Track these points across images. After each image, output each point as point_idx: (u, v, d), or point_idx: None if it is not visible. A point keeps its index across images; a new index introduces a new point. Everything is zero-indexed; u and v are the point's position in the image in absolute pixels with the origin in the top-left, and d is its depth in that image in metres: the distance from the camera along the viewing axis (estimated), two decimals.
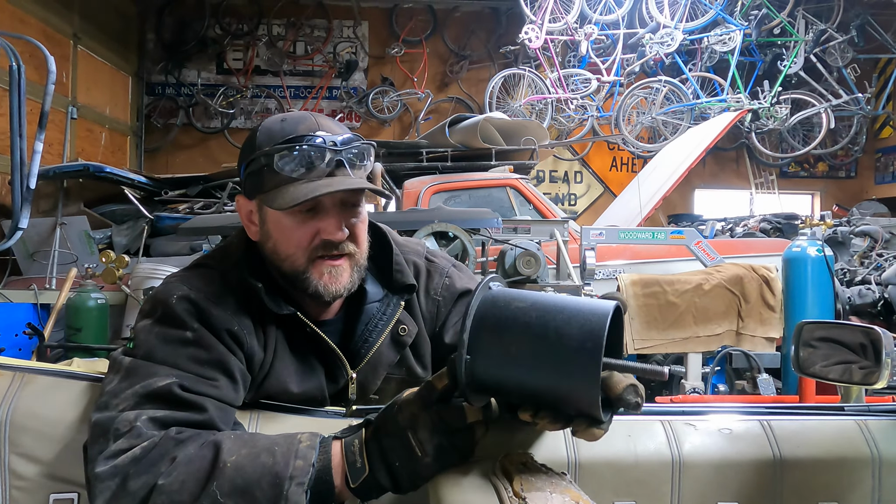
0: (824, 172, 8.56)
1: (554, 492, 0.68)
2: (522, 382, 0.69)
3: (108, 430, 0.78)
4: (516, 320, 0.70)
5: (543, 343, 0.68)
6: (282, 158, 0.90)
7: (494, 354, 0.70)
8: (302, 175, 0.90)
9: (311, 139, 0.90)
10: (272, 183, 0.91)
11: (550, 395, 0.69)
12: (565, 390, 0.68)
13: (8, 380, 0.91)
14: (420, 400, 0.75)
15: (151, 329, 0.87)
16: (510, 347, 0.69)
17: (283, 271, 0.95)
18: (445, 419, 0.73)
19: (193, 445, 0.78)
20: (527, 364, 0.68)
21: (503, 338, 0.70)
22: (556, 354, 0.67)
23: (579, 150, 8.08)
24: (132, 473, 0.75)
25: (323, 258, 0.93)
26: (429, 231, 3.27)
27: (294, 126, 0.92)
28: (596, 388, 0.66)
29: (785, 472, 0.92)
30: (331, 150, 0.91)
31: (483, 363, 0.70)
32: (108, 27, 6.94)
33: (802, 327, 1.13)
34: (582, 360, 0.66)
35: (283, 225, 0.93)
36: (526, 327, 0.69)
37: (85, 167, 4.86)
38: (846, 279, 4.20)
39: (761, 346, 3.20)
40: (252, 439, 0.80)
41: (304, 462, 0.75)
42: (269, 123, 0.95)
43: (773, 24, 7.16)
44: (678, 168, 4.96)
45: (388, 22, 8.11)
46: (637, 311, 3.15)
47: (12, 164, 2.87)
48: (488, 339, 0.70)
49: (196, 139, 7.92)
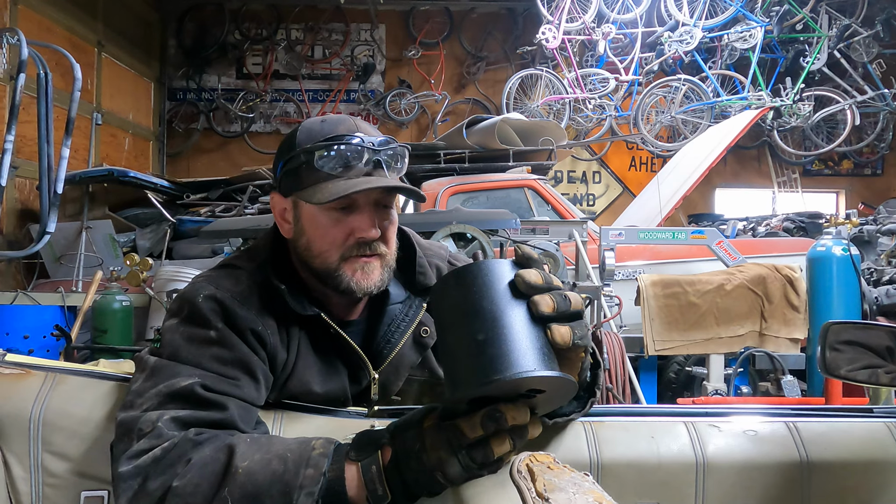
0: (849, 170, 8.38)
1: (577, 492, 0.68)
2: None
3: (132, 430, 0.80)
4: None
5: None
6: (321, 156, 0.92)
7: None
8: (340, 173, 0.92)
9: (350, 139, 0.93)
10: (310, 180, 0.93)
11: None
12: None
13: (40, 380, 0.93)
14: (448, 445, 0.71)
15: (177, 328, 0.89)
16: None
17: (314, 268, 0.96)
18: (477, 461, 0.70)
19: (210, 447, 0.78)
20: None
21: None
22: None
23: (597, 150, 8.02)
24: (151, 474, 0.76)
25: (356, 256, 0.94)
26: (447, 232, 3.27)
27: (334, 126, 0.95)
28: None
29: (812, 474, 0.90)
30: (369, 151, 0.93)
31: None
32: (131, 34, 7.08)
33: (829, 328, 1.11)
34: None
35: (318, 222, 0.94)
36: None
37: (109, 172, 4.96)
38: (873, 279, 4.11)
39: (785, 348, 3.15)
40: (268, 443, 0.79)
41: (315, 471, 0.74)
42: (309, 124, 0.98)
43: (795, 19, 7.04)
44: (698, 167, 4.90)
45: (404, 24, 8.15)
46: (657, 312, 3.12)
47: (40, 170, 2.95)
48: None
49: (217, 143, 8.03)
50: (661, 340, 3.13)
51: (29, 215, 5.20)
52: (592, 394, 0.90)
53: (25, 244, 4.59)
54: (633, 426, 0.94)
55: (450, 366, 0.69)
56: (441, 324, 0.71)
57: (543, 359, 0.64)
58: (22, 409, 0.90)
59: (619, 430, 0.93)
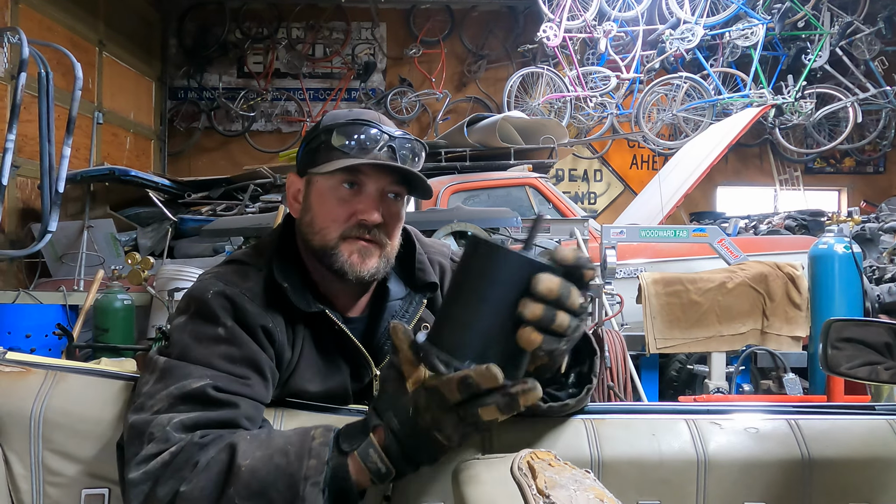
0: (851, 168, 8.37)
1: (578, 489, 0.67)
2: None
3: (142, 433, 0.79)
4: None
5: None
6: (339, 135, 0.95)
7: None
8: (356, 153, 0.94)
9: (371, 125, 0.95)
10: (325, 157, 0.95)
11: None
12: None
13: (41, 378, 0.93)
14: (438, 405, 0.72)
15: (185, 327, 0.89)
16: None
17: (313, 245, 0.97)
18: (469, 420, 0.71)
19: (213, 449, 0.78)
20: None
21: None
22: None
23: (599, 148, 8.01)
24: (160, 479, 0.76)
25: (355, 237, 0.95)
26: (448, 231, 3.27)
27: (358, 114, 0.98)
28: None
29: (814, 472, 0.90)
30: (386, 137, 0.95)
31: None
32: (132, 33, 7.08)
33: (830, 325, 1.11)
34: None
35: (324, 198, 0.96)
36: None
37: (111, 171, 4.96)
38: (875, 277, 4.10)
39: (787, 345, 3.15)
40: (268, 438, 0.79)
41: (318, 461, 0.75)
42: (335, 111, 1.02)
43: (797, 17, 7.02)
44: (700, 165, 4.89)
45: (405, 23, 8.14)
46: (659, 310, 3.12)
47: (41, 169, 2.95)
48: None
49: (218, 142, 8.03)
50: (663, 339, 3.13)
51: (30, 214, 5.21)
52: (589, 381, 0.89)
53: (27, 243, 4.60)
54: (635, 423, 0.94)
55: (442, 313, 0.72)
56: (454, 280, 0.73)
57: (505, 357, 0.68)
58: (23, 407, 0.90)
59: (621, 427, 0.93)
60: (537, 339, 0.66)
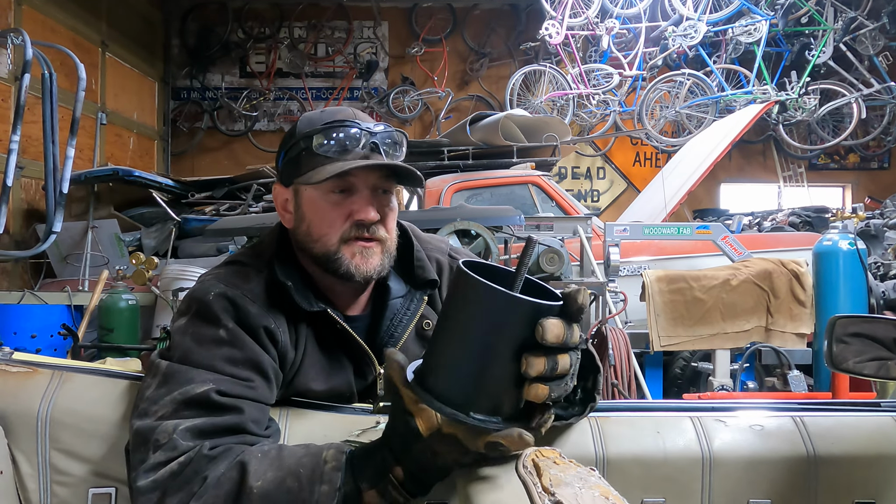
0: (855, 164, 8.33)
1: (583, 487, 0.67)
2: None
3: (148, 440, 0.79)
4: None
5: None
6: (319, 141, 0.94)
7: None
8: (338, 156, 0.93)
9: (349, 124, 0.95)
10: (309, 165, 0.95)
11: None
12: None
13: (47, 378, 0.93)
14: (458, 450, 0.72)
15: (186, 329, 0.88)
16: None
17: (315, 253, 0.96)
18: (489, 459, 0.73)
19: (224, 464, 0.78)
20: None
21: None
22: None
23: (602, 145, 8.00)
24: (169, 490, 0.76)
25: (355, 239, 0.95)
26: (451, 229, 3.27)
27: (332, 114, 0.97)
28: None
29: (820, 468, 0.90)
30: (366, 135, 0.95)
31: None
32: (135, 34, 7.09)
33: (835, 322, 1.11)
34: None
35: (317, 205, 0.95)
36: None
37: (114, 171, 4.97)
38: (880, 273, 4.08)
39: (792, 342, 3.14)
40: (278, 458, 0.78)
41: (330, 487, 0.74)
42: (309, 114, 1.00)
43: (800, 12, 6.99)
44: (703, 162, 4.88)
45: (407, 21, 8.14)
46: (663, 308, 3.12)
47: (46, 170, 2.96)
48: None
49: (221, 142, 8.05)
50: (667, 336, 3.12)
51: (35, 215, 5.23)
52: (593, 399, 0.88)
53: (32, 244, 4.61)
54: (639, 421, 0.94)
55: (440, 353, 0.70)
56: (446, 313, 0.70)
57: (515, 403, 0.68)
58: (30, 407, 0.90)
59: (625, 425, 0.93)
60: (545, 393, 0.66)
